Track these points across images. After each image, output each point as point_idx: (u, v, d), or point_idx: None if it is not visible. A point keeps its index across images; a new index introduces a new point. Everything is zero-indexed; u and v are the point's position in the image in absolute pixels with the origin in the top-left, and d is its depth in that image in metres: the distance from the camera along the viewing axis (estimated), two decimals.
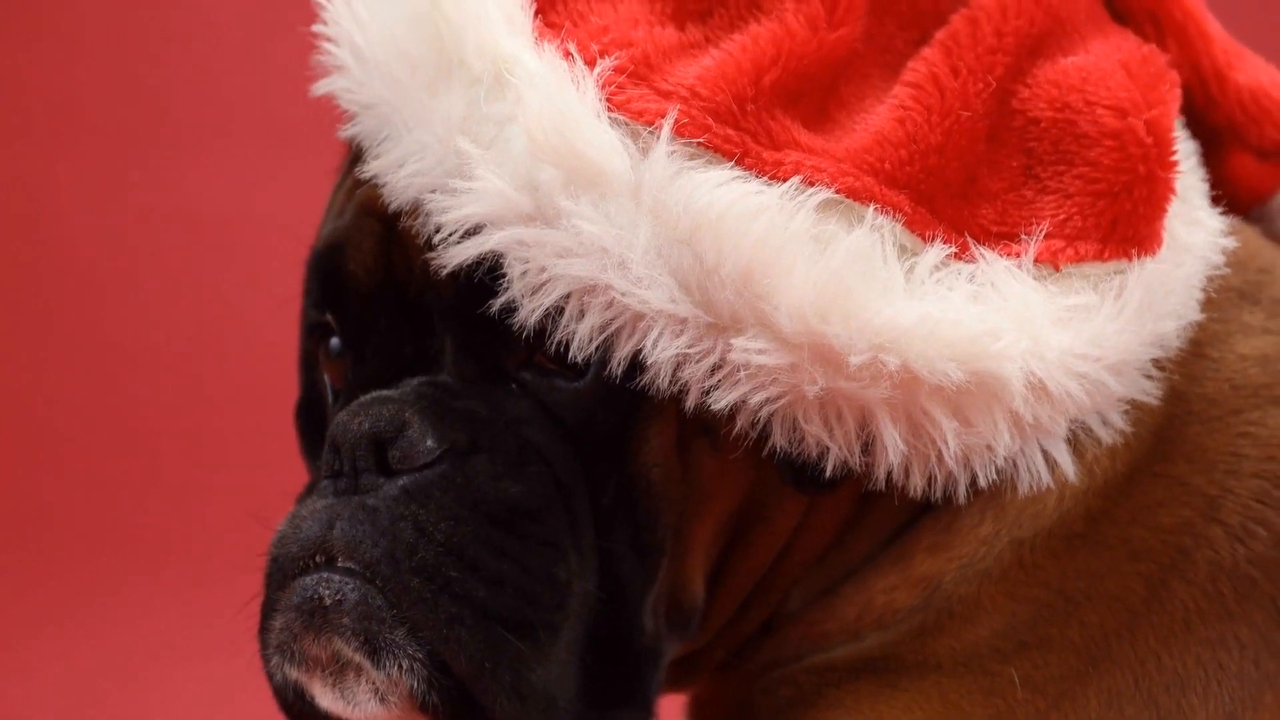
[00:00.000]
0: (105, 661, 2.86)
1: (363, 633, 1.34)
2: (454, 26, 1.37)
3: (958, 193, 1.40)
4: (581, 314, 1.33)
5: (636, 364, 1.34)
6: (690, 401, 1.34)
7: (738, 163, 1.34)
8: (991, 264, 1.37)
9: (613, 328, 1.33)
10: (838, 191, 1.34)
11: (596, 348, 1.34)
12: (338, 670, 1.36)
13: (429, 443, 1.37)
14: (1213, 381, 1.49)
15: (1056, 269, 1.40)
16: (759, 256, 1.30)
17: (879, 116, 1.39)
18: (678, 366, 1.33)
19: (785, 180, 1.33)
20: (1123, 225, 1.41)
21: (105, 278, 3.43)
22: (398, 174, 1.39)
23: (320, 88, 1.47)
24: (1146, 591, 1.43)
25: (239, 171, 3.30)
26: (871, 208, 1.35)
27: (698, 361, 1.32)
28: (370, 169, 1.41)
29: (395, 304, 1.44)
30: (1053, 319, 1.37)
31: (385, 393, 1.41)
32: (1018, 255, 1.38)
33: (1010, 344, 1.33)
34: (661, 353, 1.32)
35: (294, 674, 1.37)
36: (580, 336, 1.33)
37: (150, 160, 3.42)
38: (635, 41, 1.37)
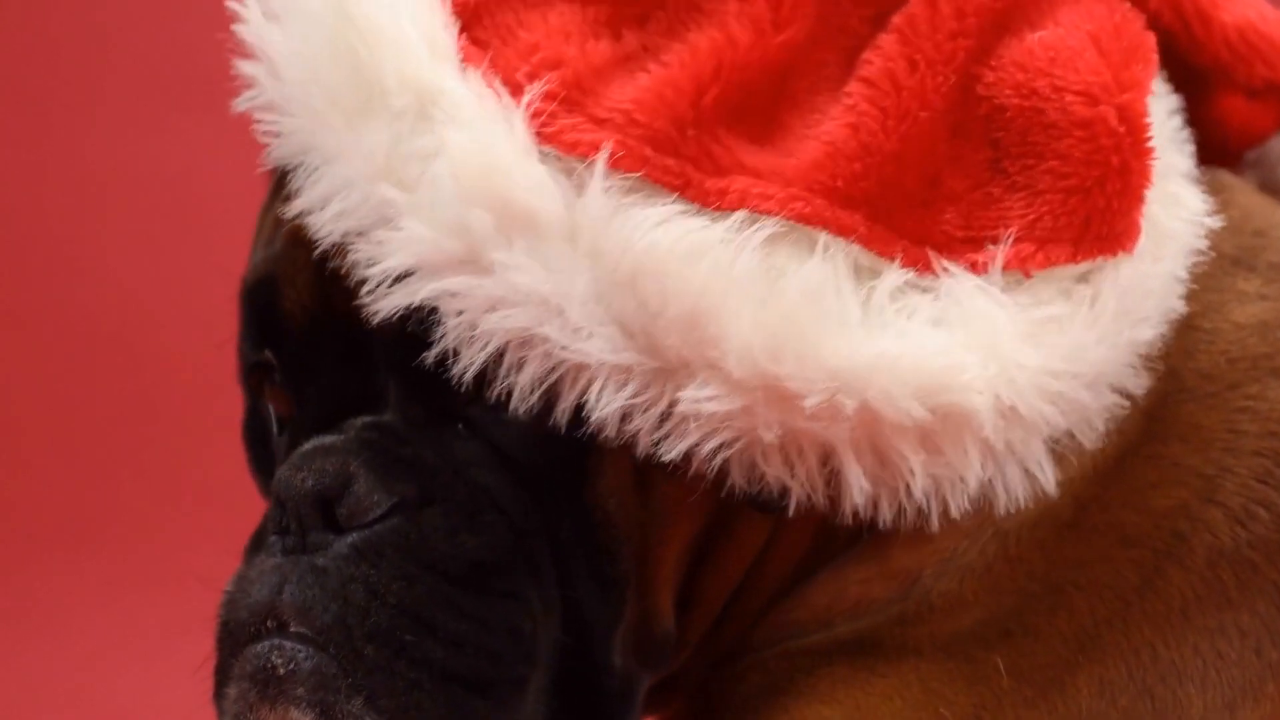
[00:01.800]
0: (100, 654, 2.85)
1: (318, 703, 1.28)
2: (372, 53, 1.28)
3: (919, 200, 1.32)
4: (520, 366, 1.26)
5: (582, 413, 1.27)
6: (640, 451, 1.27)
7: (680, 195, 1.25)
8: (956, 279, 1.29)
9: (553, 378, 1.26)
10: (786, 218, 1.26)
11: (538, 399, 1.26)
12: None
13: (377, 497, 1.30)
14: (1207, 355, 1.42)
15: (1027, 276, 1.31)
16: (705, 300, 1.22)
17: (832, 122, 1.31)
18: (624, 418, 1.26)
19: (731, 210, 1.25)
20: (1096, 223, 1.32)
21: (79, 245, 3.35)
22: (321, 214, 1.31)
23: (240, 104, 1.37)
24: (1140, 579, 1.37)
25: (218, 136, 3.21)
26: (824, 236, 1.26)
27: (644, 412, 1.25)
28: (293, 207, 1.33)
29: (336, 342, 1.36)
30: (1023, 335, 1.29)
31: (328, 440, 1.33)
32: (984, 265, 1.30)
33: (977, 373, 1.26)
34: (606, 405, 1.25)
35: None
36: (520, 389, 1.26)
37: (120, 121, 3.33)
38: (567, 60, 1.28)
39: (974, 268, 1.31)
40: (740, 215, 1.25)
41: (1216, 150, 1.55)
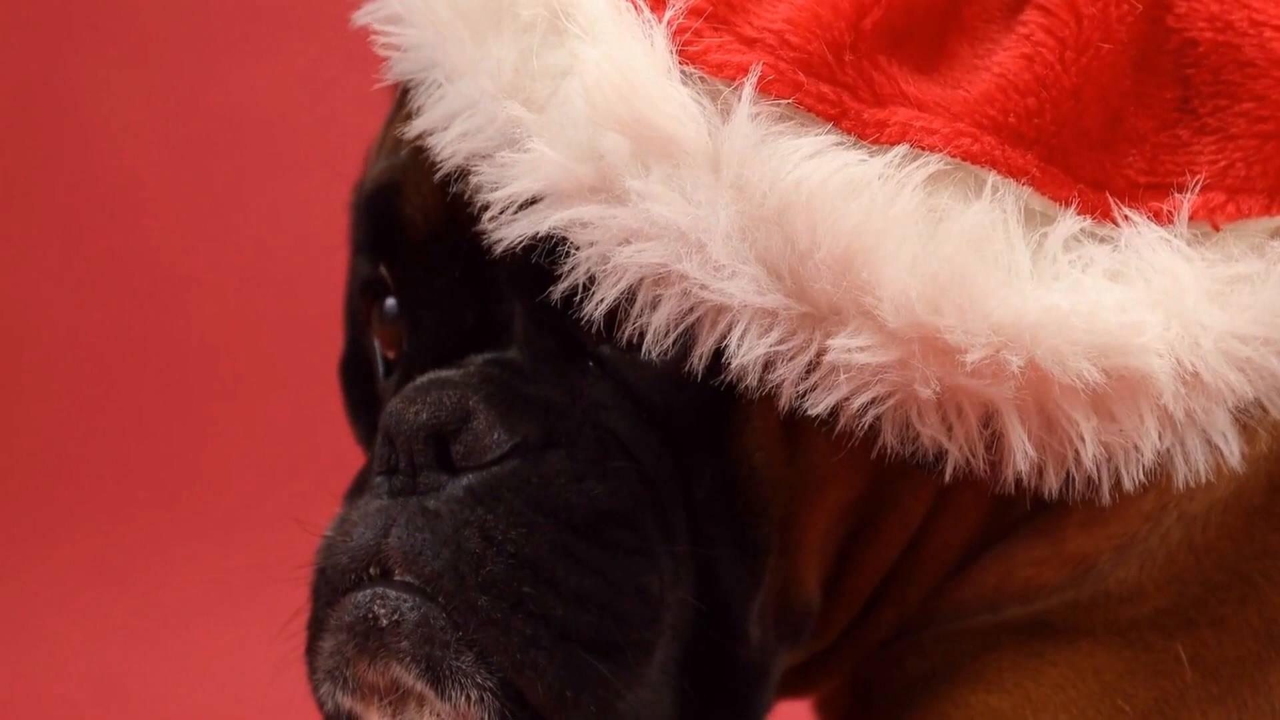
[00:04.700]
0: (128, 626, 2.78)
1: (425, 658, 1.18)
2: None
3: (1098, 141, 1.20)
4: (655, 305, 1.15)
5: (721, 358, 1.16)
6: (784, 404, 1.16)
7: (835, 125, 1.14)
8: (1138, 230, 1.18)
9: (691, 320, 1.15)
10: (951, 155, 1.14)
11: (674, 341, 1.16)
12: (398, 699, 1.20)
13: (497, 436, 1.20)
14: None
15: (1216, 229, 1.20)
16: (859, 241, 1.11)
17: (1006, 52, 1.19)
18: (767, 366, 1.15)
19: (892, 144, 1.14)
20: None
21: (149, 192, 3.25)
22: (444, 135, 1.21)
23: (360, 17, 1.28)
24: None
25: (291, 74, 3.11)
26: (992, 176, 1.15)
27: (790, 360, 1.14)
28: (415, 126, 1.23)
29: (459, 259, 1.25)
30: (1210, 294, 1.17)
31: (446, 374, 1.23)
32: (1169, 215, 1.19)
33: (1157, 334, 1.15)
34: (748, 352, 1.14)
35: (347, 702, 1.22)
36: (655, 330, 1.15)
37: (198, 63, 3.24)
38: None
39: (1157, 217, 1.19)
40: (901, 150, 1.14)
41: None
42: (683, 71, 1.14)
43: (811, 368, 1.15)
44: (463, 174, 1.21)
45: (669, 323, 1.15)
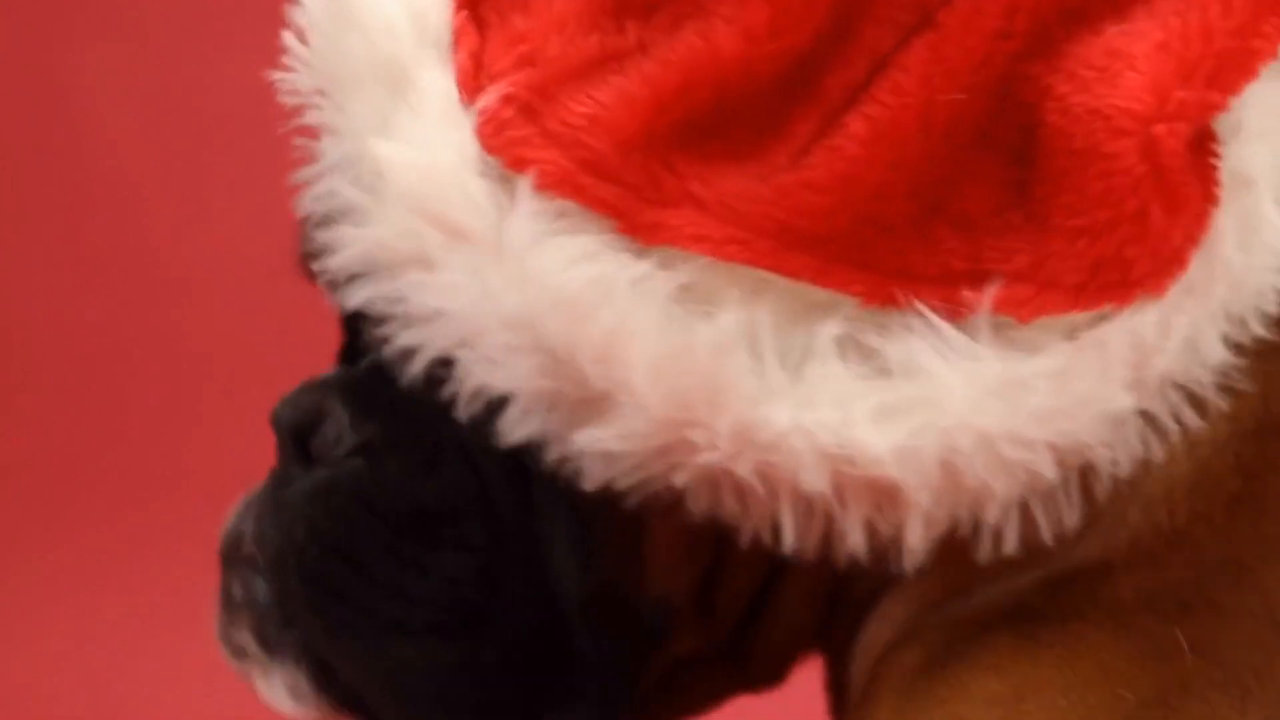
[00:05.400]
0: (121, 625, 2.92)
1: (259, 631, 1.36)
2: (355, 31, 1.26)
3: (910, 230, 1.20)
4: (457, 379, 1.24)
5: None
6: (561, 483, 1.24)
7: (614, 226, 1.19)
8: (916, 324, 1.18)
9: (483, 397, 1.23)
10: (718, 258, 1.18)
11: (480, 408, 1.24)
12: (250, 663, 1.39)
13: (343, 436, 1.33)
14: None
15: (1023, 322, 1.19)
16: (614, 343, 1.17)
17: (819, 142, 1.20)
18: (539, 447, 1.23)
19: (663, 247, 1.18)
20: (1107, 269, 1.18)
21: (147, 191, 3.32)
22: (315, 187, 1.31)
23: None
24: None
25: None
26: (754, 279, 1.18)
27: (557, 443, 1.22)
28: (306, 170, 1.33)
29: None
30: (990, 392, 1.18)
31: (322, 377, 1.38)
32: (970, 306, 1.19)
33: (899, 442, 1.17)
34: (522, 430, 1.22)
35: (233, 663, 1.41)
36: (460, 398, 1.25)
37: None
38: (545, 58, 1.21)
39: (959, 308, 1.19)
40: (662, 254, 1.18)
41: None
42: (485, 163, 1.21)
43: (574, 455, 1.22)
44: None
45: (468, 395, 1.24)
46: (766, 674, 1.46)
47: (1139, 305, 1.19)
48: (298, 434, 1.35)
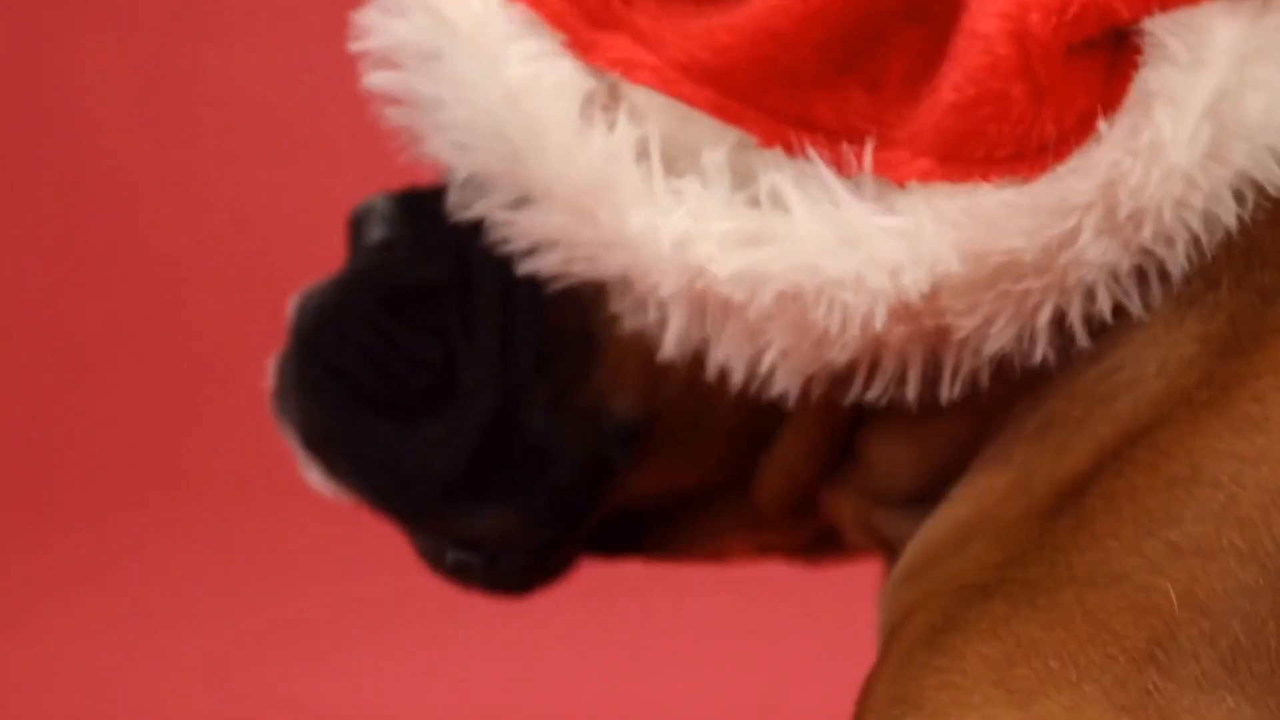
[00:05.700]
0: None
1: (279, 396, 1.42)
2: None
3: (815, 81, 1.28)
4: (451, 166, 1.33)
5: None
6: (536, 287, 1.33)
7: (565, 40, 1.30)
8: (788, 168, 1.25)
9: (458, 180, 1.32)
10: (629, 81, 1.27)
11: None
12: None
13: (376, 230, 1.44)
14: None
15: (900, 184, 1.24)
16: (530, 134, 1.29)
17: None
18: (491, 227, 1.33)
19: (596, 66, 1.29)
20: (971, 144, 1.25)
21: (145, 192, 3.27)
22: None
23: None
24: None
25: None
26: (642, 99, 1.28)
27: (503, 226, 1.31)
28: None
29: None
30: (844, 241, 1.24)
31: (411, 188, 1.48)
32: (852, 165, 1.25)
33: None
34: (475, 209, 1.31)
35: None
36: (451, 186, 1.32)
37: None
38: None
39: (845, 163, 1.25)
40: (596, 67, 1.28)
41: None
42: None
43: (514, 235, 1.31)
44: None
45: (458, 184, 1.31)
46: (776, 514, 1.44)
47: (1002, 184, 1.23)
48: (355, 225, 1.45)
